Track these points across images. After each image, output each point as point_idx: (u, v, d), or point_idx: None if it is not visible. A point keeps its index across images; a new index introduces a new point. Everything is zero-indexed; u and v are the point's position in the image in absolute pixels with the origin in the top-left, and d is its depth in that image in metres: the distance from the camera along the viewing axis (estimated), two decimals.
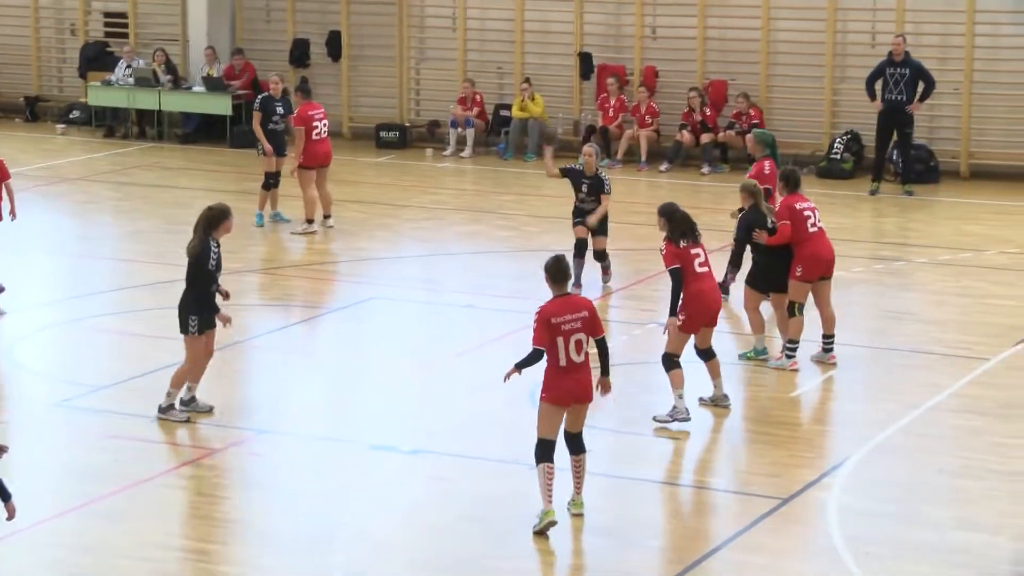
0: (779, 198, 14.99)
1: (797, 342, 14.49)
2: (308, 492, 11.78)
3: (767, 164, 16.61)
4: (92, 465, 12.29)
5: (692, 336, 13.25)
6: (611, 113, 25.68)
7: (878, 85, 23.03)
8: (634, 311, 16.85)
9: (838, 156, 24.45)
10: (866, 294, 17.60)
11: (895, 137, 23.27)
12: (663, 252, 13.09)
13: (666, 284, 13.51)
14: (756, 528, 11.22)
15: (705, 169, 24.81)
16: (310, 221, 20.03)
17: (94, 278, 18.06)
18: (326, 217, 20.26)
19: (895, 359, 15.26)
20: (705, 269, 13.09)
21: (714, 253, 14.33)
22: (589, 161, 17.32)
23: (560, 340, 10.82)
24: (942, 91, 23.84)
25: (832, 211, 21.53)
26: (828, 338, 14.77)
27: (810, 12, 24.95)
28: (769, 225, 14.49)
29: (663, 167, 24.94)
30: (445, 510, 11.49)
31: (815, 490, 11.86)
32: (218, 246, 13.01)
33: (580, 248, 17.35)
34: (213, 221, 12.97)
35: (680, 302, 12.96)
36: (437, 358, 15.04)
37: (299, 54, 27.65)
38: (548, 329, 10.79)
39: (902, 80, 22.86)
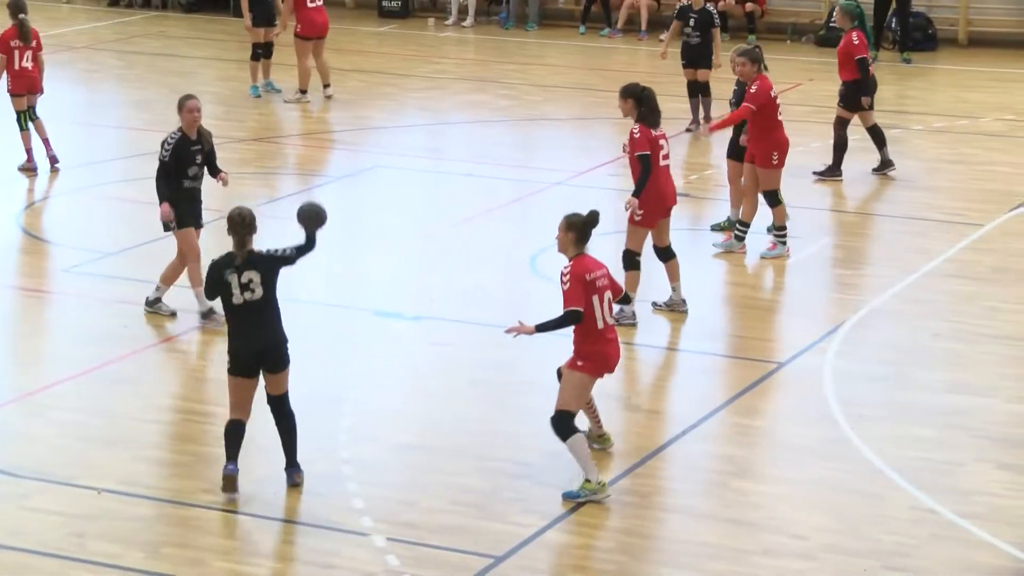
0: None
1: (784, 228, 14.07)
2: (313, 358, 11.78)
3: (855, 35, 16.42)
4: (102, 330, 12.29)
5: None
6: None
7: None
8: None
9: (837, 25, 24.13)
10: (862, 162, 17.47)
11: (893, 5, 22.99)
12: (635, 136, 12.12)
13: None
14: (753, 392, 11.25)
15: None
16: (303, 91, 19.78)
17: (101, 147, 17.95)
18: (325, 87, 20.04)
19: (889, 225, 15.21)
20: (667, 162, 12.37)
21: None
22: None
23: (596, 299, 9.52)
24: None
25: (830, 79, 21.26)
26: (744, 225, 14.15)
27: None
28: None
29: (663, 36, 24.61)
30: (447, 375, 11.51)
31: (810, 354, 11.87)
32: (197, 142, 12.21)
33: (693, 88, 18.19)
34: (179, 106, 12.21)
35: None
36: (439, 226, 14.98)
37: None
38: (584, 287, 9.46)
39: None
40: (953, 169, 17.21)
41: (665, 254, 12.68)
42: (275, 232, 14.88)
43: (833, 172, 16.53)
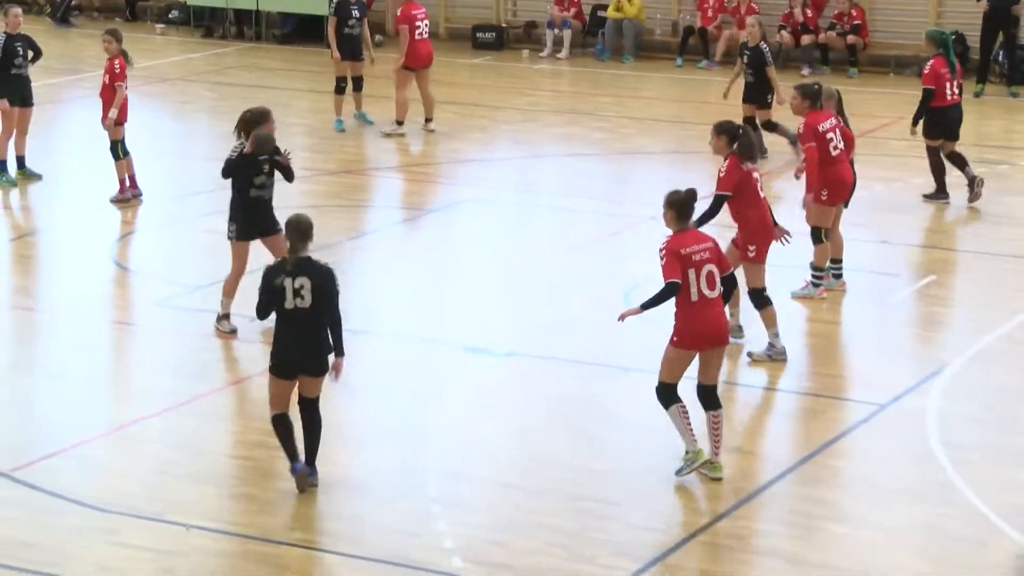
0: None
1: (823, 269, 13.80)
2: (400, 393, 11.83)
3: (931, 63, 16.56)
4: (191, 364, 12.41)
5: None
6: (710, 13, 25.32)
7: None
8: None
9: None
10: (964, 198, 17.29)
11: (1001, 38, 22.78)
12: (721, 174, 12.05)
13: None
14: (853, 434, 11.13)
15: (805, 71, 24.40)
16: (400, 123, 19.93)
17: (192, 178, 18.16)
18: (428, 120, 20.14)
19: (997, 264, 15.01)
20: (763, 194, 12.26)
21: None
22: (753, 32, 18.25)
23: (692, 272, 10.00)
24: None
25: None
26: (836, 263, 13.99)
27: None
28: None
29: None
30: (535, 411, 11.51)
31: (913, 396, 11.73)
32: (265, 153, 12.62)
33: (751, 123, 18.21)
34: (247, 124, 12.77)
35: (747, 230, 12.14)
36: (531, 260, 15.00)
37: None
38: (680, 260, 9.97)
39: None
40: None
41: (760, 299, 12.47)
42: (361, 264, 15.06)
43: (939, 195, 16.56)
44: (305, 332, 9.93)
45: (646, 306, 10.08)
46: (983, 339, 12.89)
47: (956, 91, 16.69)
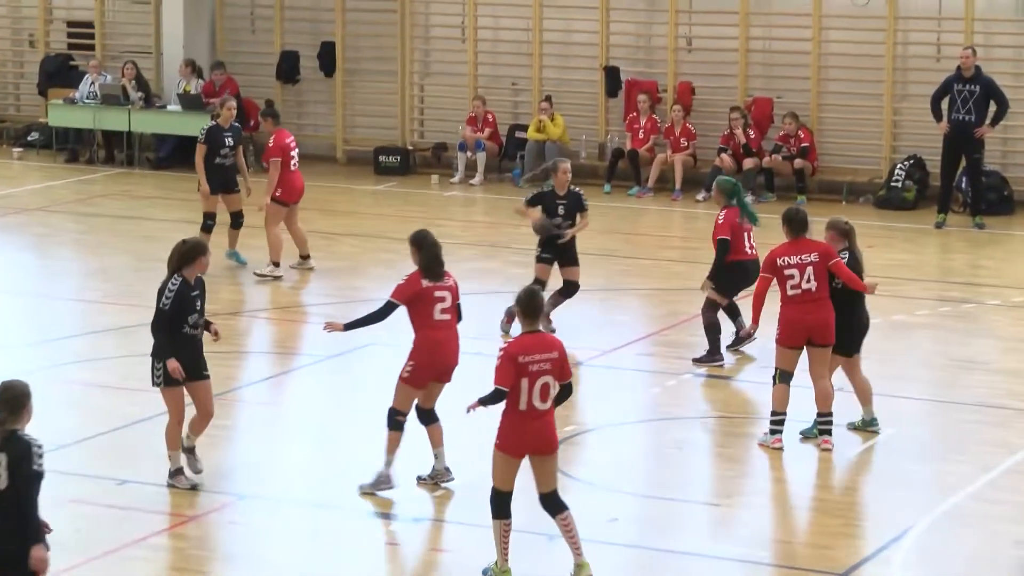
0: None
1: (781, 414, 14.02)
2: (296, 566, 11.76)
3: (722, 214, 16.33)
4: (52, 534, 12.26)
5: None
6: (641, 135, 25.76)
7: (944, 104, 23.08)
8: (668, 359, 16.86)
9: (899, 184, 24.48)
10: (931, 340, 17.59)
11: (963, 163, 23.29)
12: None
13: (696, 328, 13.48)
14: None
15: (749, 199, 24.81)
16: (276, 264, 19.89)
17: (55, 322, 18.10)
18: (306, 258, 20.17)
19: (964, 415, 15.23)
20: (447, 316, 12.76)
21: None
22: (563, 179, 17.23)
23: (525, 382, 10.94)
24: (1017, 111, 23.87)
25: (892, 246, 21.60)
26: (823, 416, 14.15)
27: (867, 21, 25.02)
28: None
29: (700, 196, 24.97)
30: None
31: (873, 565, 11.83)
32: (195, 287, 12.95)
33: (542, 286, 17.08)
34: (184, 257, 12.93)
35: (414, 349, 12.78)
36: (443, 412, 15.01)
37: (288, 68, 27.81)
38: (514, 366, 10.89)
39: (971, 98, 22.91)
40: None
41: (427, 417, 13.05)
42: (243, 417, 15.03)
43: (712, 357, 16.41)
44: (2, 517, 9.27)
45: (484, 401, 11.01)
46: (949, 499, 13.04)
47: (753, 245, 16.50)
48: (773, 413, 14.05)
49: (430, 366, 12.84)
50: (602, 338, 17.46)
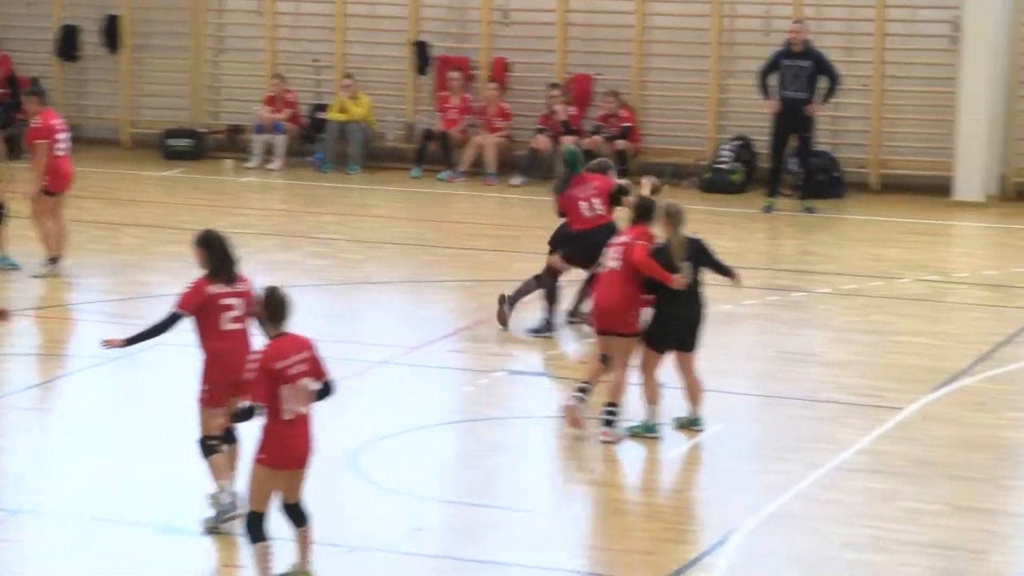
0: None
1: (616, 404, 14.29)
2: None
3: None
4: None
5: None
6: (453, 115, 25.80)
7: (772, 80, 23.42)
8: (480, 356, 16.93)
9: (726, 166, 24.82)
10: (759, 332, 17.86)
11: (793, 143, 23.64)
12: (188, 290, 12.32)
13: (521, 322, 13.51)
14: None
15: None
16: (54, 259, 19.47)
17: None
18: (54, 260, 19.47)
19: (792, 410, 15.48)
20: (237, 326, 12.38)
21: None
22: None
23: (286, 388, 10.90)
24: (849, 87, 24.30)
25: (719, 232, 21.83)
26: (606, 405, 14.33)
27: None
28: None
29: (516, 180, 25.09)
30: None
31: (696, 570, 11.97)
32: None
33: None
34: None
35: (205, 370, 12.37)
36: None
37: (67, 44, 27.48)
38: (270, 378, 10.82)
39: (801, 74, 23.29)
40: (866, 340, 17.62)
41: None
42: (19, 424, 14.82)
43: (547, 327, 17.07)
44: None
45: (234, 419, 11.16)
46: (777, 499, 13.25)
47: (599, 211, 16.78)
48: (610, 404, 14.29)
49: (225, 380, 12.45)
50: (409, 334, 17.47)
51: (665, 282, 14.17)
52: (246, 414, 10.92)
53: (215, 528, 12.36)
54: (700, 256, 14.42)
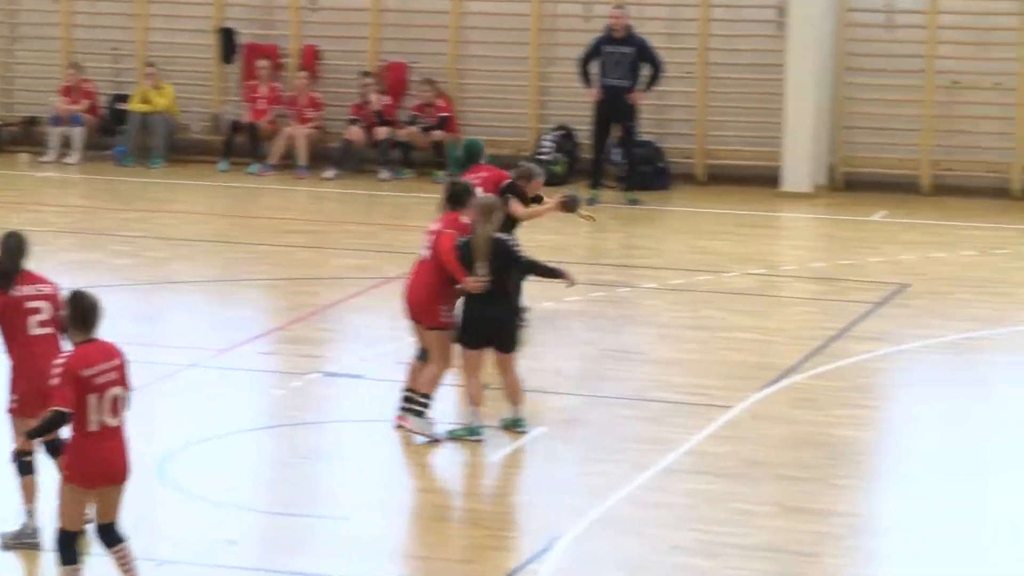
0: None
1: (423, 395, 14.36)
2: None
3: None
4: None
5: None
6: (262, 105, 25.65)
7: (594, 68, 23.53)
8: (293, 357, 16.83)
9: (547, 157, 24.88)
10: (582, 329, 17.93)
11: (616, 132, 23.78)
12: None
13: (335, 322, 13.47)
14: None
15: (384, 175, 24.98)
16: None
17: None
18: None
19: (617, 410, 15.56)
20: (46, 330, 12.02)
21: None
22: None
23: (93, 398, 10.54)
24: (673, 75, 24.48)
25: (539, 225, 21.74)
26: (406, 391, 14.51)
27: None
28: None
29: (329, 173, 24.99)
30: None
31: None
32: None
33: None
34: None
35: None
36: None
37: None
38: (77, 384, 10.45)
39: (623, 61, 23.42)
40: (693, 337, 17.76)
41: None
42: None
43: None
44: None
45: (32, 435, 10.66)
46: (603, 503, 13.30)
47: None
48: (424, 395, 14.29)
49: (33, 389, 12.15)
50: (217, 335, 17.33)
51: (458, 280, 14.01)
52: (53, 423, 10.49)
53: (12, 545, 12.13)
54: (503, 258, 14.00)
